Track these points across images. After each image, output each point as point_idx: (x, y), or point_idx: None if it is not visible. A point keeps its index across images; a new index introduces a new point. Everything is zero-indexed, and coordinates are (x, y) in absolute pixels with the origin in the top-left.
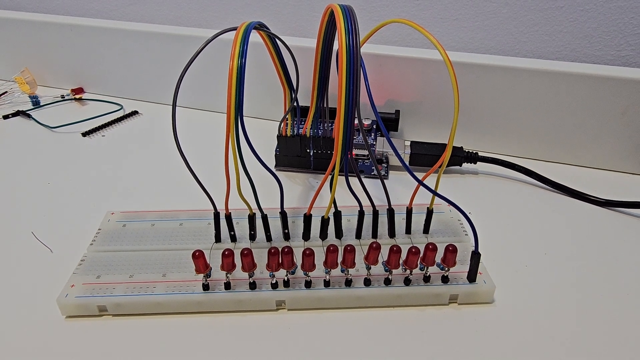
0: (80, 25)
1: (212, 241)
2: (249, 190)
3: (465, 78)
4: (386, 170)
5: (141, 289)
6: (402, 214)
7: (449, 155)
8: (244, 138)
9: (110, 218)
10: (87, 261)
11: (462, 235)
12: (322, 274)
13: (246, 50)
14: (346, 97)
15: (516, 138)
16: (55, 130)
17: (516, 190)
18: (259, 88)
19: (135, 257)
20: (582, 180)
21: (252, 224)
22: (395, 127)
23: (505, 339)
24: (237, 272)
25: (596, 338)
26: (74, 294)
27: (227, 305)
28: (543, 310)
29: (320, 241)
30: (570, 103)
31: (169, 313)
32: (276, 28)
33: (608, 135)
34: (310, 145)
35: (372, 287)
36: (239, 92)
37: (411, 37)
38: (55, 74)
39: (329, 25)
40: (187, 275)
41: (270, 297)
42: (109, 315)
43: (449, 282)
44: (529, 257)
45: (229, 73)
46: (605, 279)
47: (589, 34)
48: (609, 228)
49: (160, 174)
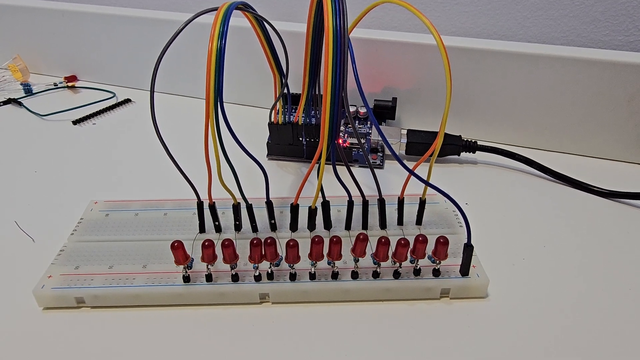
0: (71, 10)
1: (197, 232)
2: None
3: (464, 64)
4: (382, 159)
5: (120, 280)
6: (394, 204)
7: (441, 143)
8: (225, 124)
9: (93, 207)
10: (67, 251)
11: (457, 227)
12: (308, 266)
13: (226, 31)
14: (332, 82)
15: (517, 126)
16: (45, 118)
17: (516, 180)
18: (251, 75)
19: (116, 248)
20: (585, 170)
21: (236, 214)
22: (392, 115)
23: (498, 335)
24: (219, 264)
25: (596, 336)
26: (50, 285)
27: (209, 298)
28: (539, 306)
29: (309, 232)
30: (574, 90)
31: (148, 305)
32: (267, 13)
33: (613, 123)
34: (303, 133)
35: (359, 280)
36: (218, 76)
37: (411, 22)
38: (48, 62)
39: (319, 8)
40: (168, 267)
41: (254, 289)
42: (87, 307)
43: (440, 276)
44: (527, 250)
45: (208, 55)
46: (608, 273)
47: (595, 18)
48: (613, 220)
49: (150, 162)
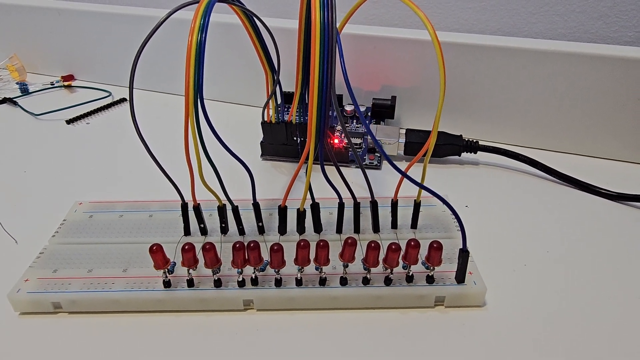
0: (67, 9)
1: (182, 234)
2: (230, 180)
3: (466, 60)
4: (379, 160)
5: (99, 284)
6: (389, 207)
7: (434, 142)
8: (205, 120)
9: (77, 208)
10: (46, 254)
11: (454, 231)
12: (295, 271)
13: (207, 24)
14: (319, 78)
15: (520, 125)
16: (39, 118)
17: (519, 182)
18: (245, 73)
19: (97, 251)
20: (593, 171)
21: (222, 216)
22: (392, 115)
23: (495, 347)
24: (202, 269)
25: (602, 349)
26: (26, 289)
27: (190, 304)
28: (540, 316)
29: (298, 235)
30: (581, 87)
31: (128, 311)
32: (260, 10)
33: (622, 122)
34: (297, 132)
35: (348, 286)
36: (198, 71)
37: (412, 19)
38: (45, 61)
39: (309, 2)
40: (149, 271)
41: (237, 295)
42: (65, 312)
43: (434, 283)
44: (529, 255)
45: (187, 49)
46: (616, 281)
47: (604, 14)
48: (621, 224)
49: (141, 162)
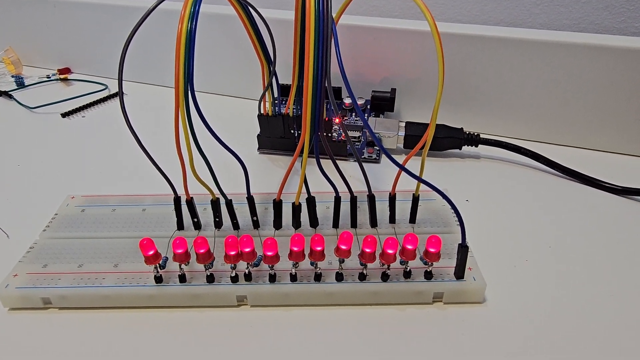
0: (64, 1)
1: (175, 229)
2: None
3: (468, 52)
4: (378, 153)
5: (89, 280)
6: (386, 201)
7: (432, 134)
8: (196, 111)
9: (69, 202)
10: (36, 248)
11: (454, 226)
12: (289, 267)
13: (197, 12)
14: (314, 68)
15: (523, 118)
16: (34, 111)
17: (521, 176)
18: (240, 65)
19: (88, 245)
20: (596, 165)
21: (215, 210)
22: (391, 107)
23: (495, 344)
24: (194, 264)
25: (604, 345)
26: (15, 284)
27: (183, 300)
28: (541, 312)
29: (294, 230)
30: (586, 79)
31: (118, 307)
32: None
33: (628, 115)
34: (294, 125)
35: (344, 282)
36: (188, 60)
37: (412, 10)
38: (42, 54)
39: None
40: (141, 266)
41: (230, 291)
42: (54, 308)
43: (432, 279)
44: (531, 251)
45: (177, 38)
46: (620, 277)
47: (610, 4)
48: (626, 219)
49: (136, 156)
